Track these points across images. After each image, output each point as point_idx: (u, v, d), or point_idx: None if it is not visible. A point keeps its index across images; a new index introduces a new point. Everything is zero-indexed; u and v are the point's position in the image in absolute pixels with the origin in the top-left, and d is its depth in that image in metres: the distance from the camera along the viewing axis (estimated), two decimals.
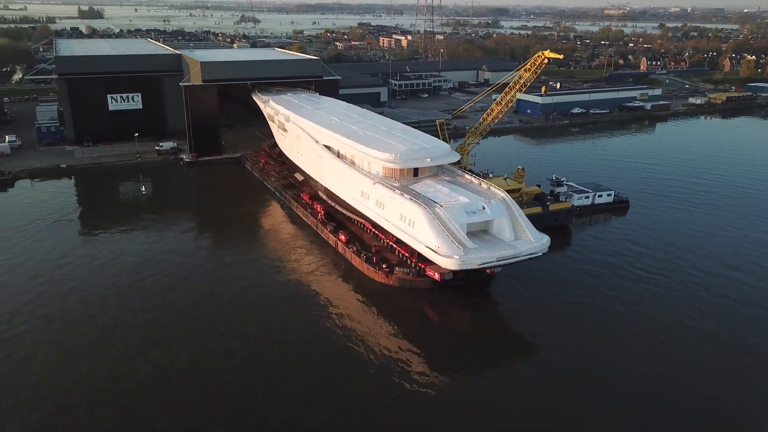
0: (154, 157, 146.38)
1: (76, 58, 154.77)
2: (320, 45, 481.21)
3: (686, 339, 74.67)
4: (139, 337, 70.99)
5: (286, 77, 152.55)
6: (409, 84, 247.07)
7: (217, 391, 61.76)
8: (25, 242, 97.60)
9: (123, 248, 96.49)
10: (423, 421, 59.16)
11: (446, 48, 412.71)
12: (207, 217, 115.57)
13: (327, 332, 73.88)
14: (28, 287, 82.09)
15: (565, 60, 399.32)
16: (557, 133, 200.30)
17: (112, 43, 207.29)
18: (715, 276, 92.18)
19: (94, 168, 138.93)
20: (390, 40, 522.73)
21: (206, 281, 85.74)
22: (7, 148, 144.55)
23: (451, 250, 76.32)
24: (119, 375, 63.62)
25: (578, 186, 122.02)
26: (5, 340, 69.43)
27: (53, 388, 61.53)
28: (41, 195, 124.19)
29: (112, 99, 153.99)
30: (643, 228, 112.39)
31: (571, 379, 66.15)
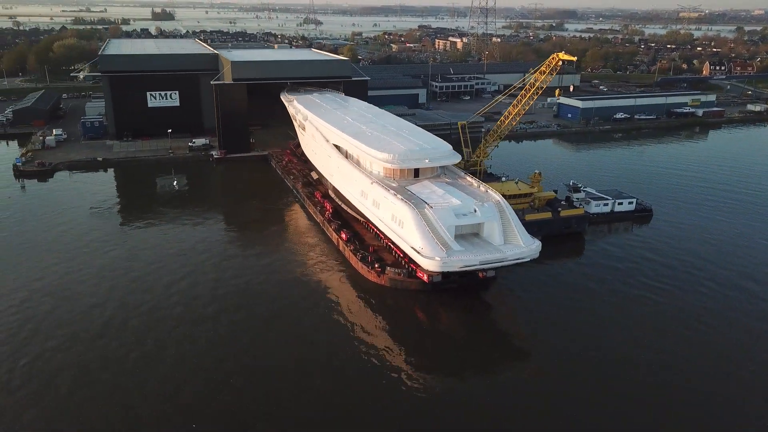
0: (186, 152, 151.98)
1: (118, 57, 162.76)
2: (375, 47, 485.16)
3: (678, 350, 71.59)
4: (142, 316, 74.35)
5: (314, 77, 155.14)
6: (451, 86, 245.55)
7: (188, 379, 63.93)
8: (59, 228, 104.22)
9: (138, 236, 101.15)
10: (393, 420, 59.29)
11: (500, 51, 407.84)
12: (222, 212, 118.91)
13: (313, 327, 74.80)
14: (51, 265, 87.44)
15: (624, 64, 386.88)
16: (597, 138, 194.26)
17: (158, 43, 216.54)
18: (728, 288, 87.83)
19: (128, 162, 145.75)
20: (445, 43, 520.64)
21: (206, 274, 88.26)
22: (53, 141, 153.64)
23: (434, 251, 75.82)
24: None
25: (597, 193, 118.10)
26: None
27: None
28: (77, 186, 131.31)
29: (151, 96, 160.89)
30: (663, 237, 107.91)
31: (560, 382, 65.50)
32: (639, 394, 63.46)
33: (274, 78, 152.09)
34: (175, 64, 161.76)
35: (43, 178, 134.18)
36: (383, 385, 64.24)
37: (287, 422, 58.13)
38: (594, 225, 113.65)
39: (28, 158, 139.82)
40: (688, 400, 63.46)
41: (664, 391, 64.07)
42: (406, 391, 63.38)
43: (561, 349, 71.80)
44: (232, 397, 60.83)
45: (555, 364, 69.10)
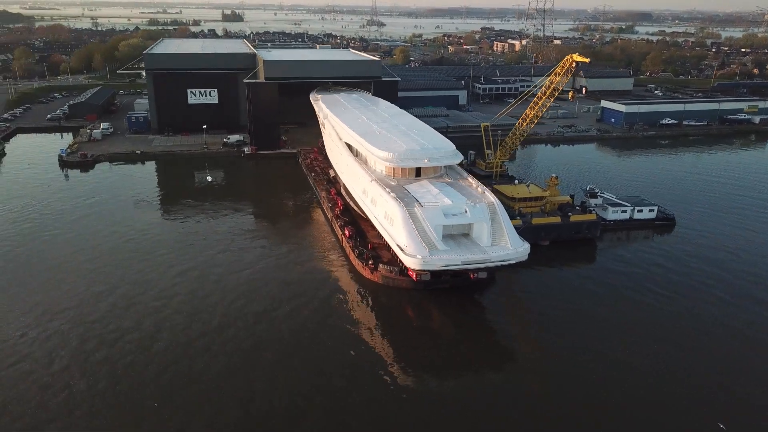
0: (219, 148, 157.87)
1: (161, 56, 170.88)
2: (430, 48, 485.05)
3: (666, 365, 68.91)
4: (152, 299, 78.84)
5: (344, 77, 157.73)
6: (495, 88, 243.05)
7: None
8: (96, 213, 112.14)
9: (152, 223, 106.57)
10: (372, 416, 59.95)
11: (557, 53, 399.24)
12: (241, 206, 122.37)
13: (302, 319, 76.37)
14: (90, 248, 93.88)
15: (689, 68, 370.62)
16: (641, 144, 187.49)
17: (205, 43, 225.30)
18: (737, 301, 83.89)
19: (164, 155, 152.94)
20: (504, 45, 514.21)
21: (207, 264, 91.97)
22: (100, 134, 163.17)
23: (417, 249, 76.33)
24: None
25: (616, 199, 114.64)
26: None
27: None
28: (116, 176, 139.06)
29: (191, 93, 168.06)
30: (681, 247, 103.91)
31: (547, 383, 65.50)
32: (627, 399, 62.68)
33: (305, 77, 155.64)
34: (215, 63, 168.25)
35: (85, 169, 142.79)
36: (364, 381, 64.77)
37: (262, 412, 59.49)
38: (611, 232, 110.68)
39: (73, 149, 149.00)
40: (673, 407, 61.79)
41: (652, 398, 62.75)
42: (386, 387, 63.81)
43: (552, 352, 71.38)
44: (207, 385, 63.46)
45: (544, 366, 68.64)
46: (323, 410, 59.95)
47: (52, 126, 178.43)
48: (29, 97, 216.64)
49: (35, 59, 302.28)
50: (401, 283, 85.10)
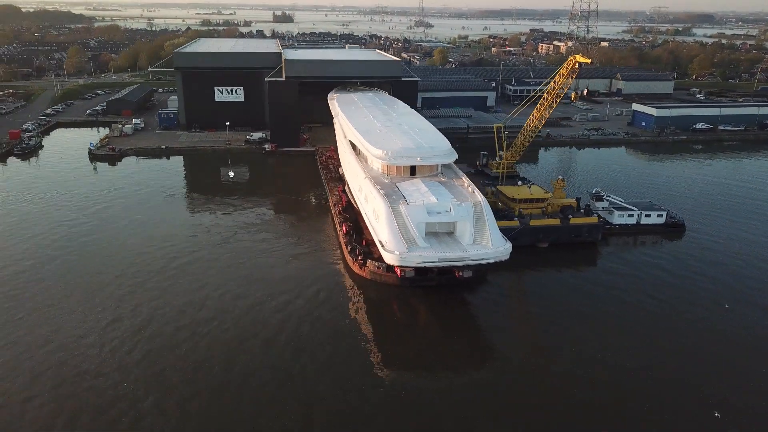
0: (242, 145, 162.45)
1: (189, 54, 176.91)
2: (472, 50, 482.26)
3: (646, 374, 67.71)
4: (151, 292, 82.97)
5: (363, 77, 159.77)
6: (526, 89, 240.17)
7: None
8: (116, 204, 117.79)
9: (158, 215, 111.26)
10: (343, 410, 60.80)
11: (602, 56, 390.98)
12: (253, 200, 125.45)
13: (288, 312, 77.98)
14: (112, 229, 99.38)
15: (740, 71, 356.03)
16: (671, 149, 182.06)
17: (238, 43, 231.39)
18: (737, 311, 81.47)
19: (189, 151, 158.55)
20: (548, 47, 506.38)
21: (204, 255, 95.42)
22: (131, 130, 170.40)
23: (396, 245, 77.42)
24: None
25: (622, 203, 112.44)
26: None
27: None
28: (140, 170, 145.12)
29: (218, 91, 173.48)
30: (688, 253, 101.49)
31: (523, 383, 65.79)
32: (617, 397, 62.96)
33: (325, 77, 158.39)
34: (241, 62, 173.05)
35: (112, 162, 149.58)
36: (338, 372, 65.96)
37: (239, 400, 61.33)
38: (617, 236, 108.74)
39: (103, 143, 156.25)
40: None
41: (631, 401, 62.84)
42: (356, 379, 64.90)
43: (535, 351, 71.60)
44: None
45: (521, 366, 68.70)
46: (296, 400, 61.22)
47: (90, 121, 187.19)
48: (74, 93, 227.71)
49: (87, 58, 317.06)
50: (388, 280, 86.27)
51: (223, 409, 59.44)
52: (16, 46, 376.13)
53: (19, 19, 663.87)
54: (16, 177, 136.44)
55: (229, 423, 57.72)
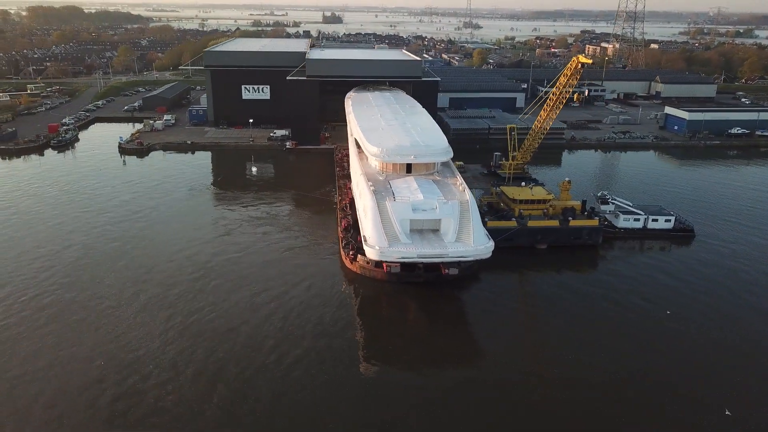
0: (264, 142, 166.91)
1: (219, 53, 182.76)
2: (519, 50, 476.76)
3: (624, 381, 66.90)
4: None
5: (383, 76, 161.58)
6: None
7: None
8: (137, 194, 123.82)
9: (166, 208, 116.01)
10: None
11: (650, 58, 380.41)
12: (263, 194, 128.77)
13: (269, 302, 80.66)
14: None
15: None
16: (702, 154, 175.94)
17: (272, 42, 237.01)
18: (732, 320, 79.44)
19: (212, 146, 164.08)
20: (595, 48, 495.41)
21: (203, 246, 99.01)
22: (161, 125, 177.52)
23: (377, 240, 78.85)
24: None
25: (630, 206, 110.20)
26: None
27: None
28: (166, 163, 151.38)
29: (245, 89, 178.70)
30: (693, 258, 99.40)
31: (502, 384, 65.93)
32: (587, 405, 62.54)
33: (345, 76, 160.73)
34: (267, 61, 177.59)
35: (140, 156, 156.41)
36: (311, 362, 67.48)
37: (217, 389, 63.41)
38: (622, 240, 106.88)
39: (133, 138, 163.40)
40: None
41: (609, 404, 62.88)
42: (326, 368, 66.51)
43: (512, 353, 71.33)
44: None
45: (502, 366, 68.83)
46: (269, 390, 62.89)
47: (126, 116, 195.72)
48: (116, 90, 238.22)
49: (135, 56, 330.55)
50: (376, 275, 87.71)
51: (198, 394, 61.52)
52: (72, 45, 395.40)
53: (80, 20, 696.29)
54: (51, 167, 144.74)
55: (201, 411, 59.23)
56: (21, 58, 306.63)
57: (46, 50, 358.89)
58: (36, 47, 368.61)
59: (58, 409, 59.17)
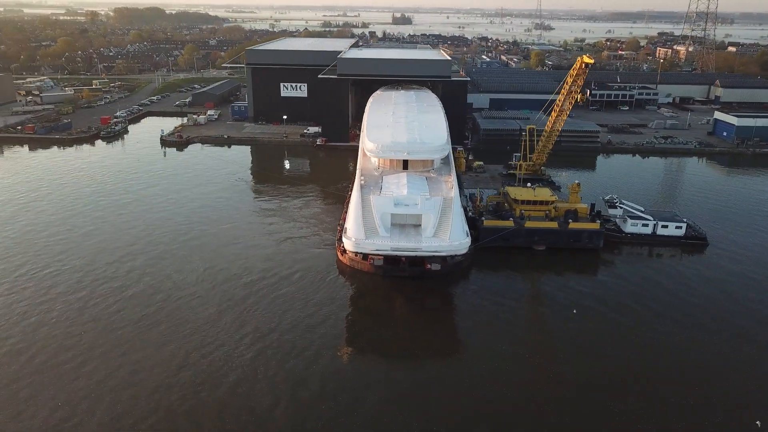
0: (296, 138, 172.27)
1: (260, 51, 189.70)
2: (587, 52, 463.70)
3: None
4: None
5: (411, 75, 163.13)
6: (607, 94, 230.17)
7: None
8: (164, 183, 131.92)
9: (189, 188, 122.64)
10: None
11: (722, 62, 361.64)
12: (281, 187, 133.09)
13: (255, 288, 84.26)
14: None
15: None
16: (750, 162, 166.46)
17: (320, 42, 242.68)
18: (722, 335, 76.32)
19: (248, 141, 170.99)
20: (667, 51, 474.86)
21: (208, 234, 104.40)
22: (204, 120, 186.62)
23: (354, 233, 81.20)
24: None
25: (640, 212, 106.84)
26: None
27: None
28: (202, 156, 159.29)
29: (283, 86, 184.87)
30: (699, 268, 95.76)
31: (479, 381, 66.41)
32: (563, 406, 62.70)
33: (374, 75, 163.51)
34: (306, 60, 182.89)
35: (180, 148, 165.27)
36: (283, 345, 70.16)
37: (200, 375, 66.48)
38: (629, 246, 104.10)
39: (174, 131, 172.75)
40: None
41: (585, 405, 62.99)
42: (295, 351, 69.09)
43: (492, 350, 71.38)
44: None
45: (479, 363, 69.31)
46: (235, 374, 65.61)
47: (176, 111, 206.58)
48: (173, 86, 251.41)
49: (200, 55, 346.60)
50: (363, 267, 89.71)
51: (168, 376, 64.57)
52: (146, 45, 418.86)
53: (161, 20, 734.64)
54: (99, 156, 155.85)
55: (169, 393, 61.95)
56: (97, 56, 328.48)
57: (121, 49, 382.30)
58: (112, 46, 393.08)
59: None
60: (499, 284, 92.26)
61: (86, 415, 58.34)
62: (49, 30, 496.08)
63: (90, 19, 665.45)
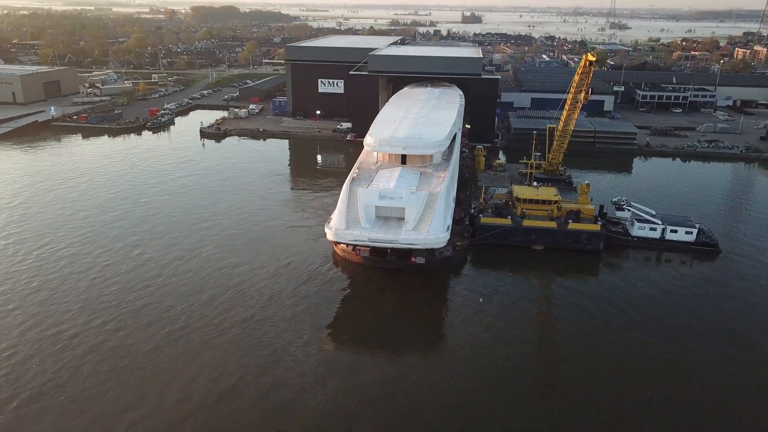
0: (329, 133, 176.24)
1: (298, 48, 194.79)
2: (660, 53, 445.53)
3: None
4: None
5: (440, 73, 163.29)
6: (659, 95, 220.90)
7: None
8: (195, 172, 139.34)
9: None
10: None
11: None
12: (301, 179, 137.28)
13: (246, 273, 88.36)
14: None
15: None
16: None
17: (364, 39, 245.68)
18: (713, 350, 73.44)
19: (282, 135, 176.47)
20: (745, 52, 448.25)
21: (223, 224, 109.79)
22: (245, 113, 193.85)
23: (336, 223, 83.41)
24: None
25: (649, 215, 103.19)
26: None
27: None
28: (238, 148, 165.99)
29: (321, 83, 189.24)
30: (701, 277, 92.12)
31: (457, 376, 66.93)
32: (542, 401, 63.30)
33: (405, 72, 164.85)
34: (342, 57, 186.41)
35: (218, 140, 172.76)
36: (271, 341, 71.98)
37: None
38: (636, 250, 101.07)
39: (213, 124, 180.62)
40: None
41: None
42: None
43: (475, 347, 71.76)
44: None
45: (460, 358, 69.80)
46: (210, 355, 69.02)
47: (223, 105, 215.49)
48: (226, 81, 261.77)
49: (260, 52, 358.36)
50: (353, 259, 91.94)
51: (156, 362, 67.81)
52: (213, 41, 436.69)
53: (234, 18, 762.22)
54: (143, 146, 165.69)
55: (156, 376, 65.13)
56: (165, 52, 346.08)
57: (188, 45, 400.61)
58: (181, 42, 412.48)
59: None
60: (489, 280, 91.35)
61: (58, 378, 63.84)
62: (127, 27, 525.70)
63: (168, 17, 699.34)
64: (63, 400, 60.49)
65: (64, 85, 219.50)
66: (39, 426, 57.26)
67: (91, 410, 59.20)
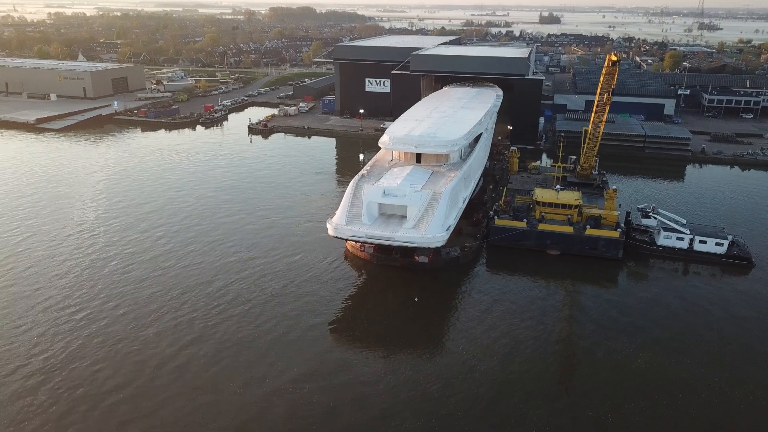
0: (371, 132, 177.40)
1: (345, 47, 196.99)
2: (731, 56, 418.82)
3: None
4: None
5: (482, 72, 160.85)
6: (727, 100, 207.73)
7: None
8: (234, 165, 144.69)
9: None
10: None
11: None
12: (325, 176, 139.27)
13: (252, 263, 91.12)
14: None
15: None
16: None
17: (415, 39, 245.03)
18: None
19: (326, 132, 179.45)
20: None
21: (241, 219, 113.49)
22: (294, 111, 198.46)
23: (337, 218, 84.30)
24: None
25: (676, 223, 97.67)
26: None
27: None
28: (281, 144, 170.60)
29: (368, 82, 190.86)
30: (728, 292, 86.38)
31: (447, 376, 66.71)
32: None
33: (447, 71, 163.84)
34: (388, 56, 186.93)
35: (265, 136, 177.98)
36: (267, 316, 75.60)
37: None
38: (662, 260, 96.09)
39: (261, 121, 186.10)
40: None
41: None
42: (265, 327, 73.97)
43: (470, 347, 71.49)
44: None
45: (448, 357, 70.02)
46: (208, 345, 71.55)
47: (276, 102, 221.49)
48: (284, 80, 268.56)
49: (326, 51, 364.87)
50: (362, 255, 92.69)
51: (152, 343, 71.44)
52: (283, 41, 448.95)
53: (310, 19, 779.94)
54: (193, 140, 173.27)
55: (149, 358, 68.23)
56: (236, 50, 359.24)
57: (259, 45, 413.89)
58: (252, 42, 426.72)
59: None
60: (497, 282, 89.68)
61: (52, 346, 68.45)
62: (206, 27, 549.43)
63: (247, 17, 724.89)
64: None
65: (131, 82, 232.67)
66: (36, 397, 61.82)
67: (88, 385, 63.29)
